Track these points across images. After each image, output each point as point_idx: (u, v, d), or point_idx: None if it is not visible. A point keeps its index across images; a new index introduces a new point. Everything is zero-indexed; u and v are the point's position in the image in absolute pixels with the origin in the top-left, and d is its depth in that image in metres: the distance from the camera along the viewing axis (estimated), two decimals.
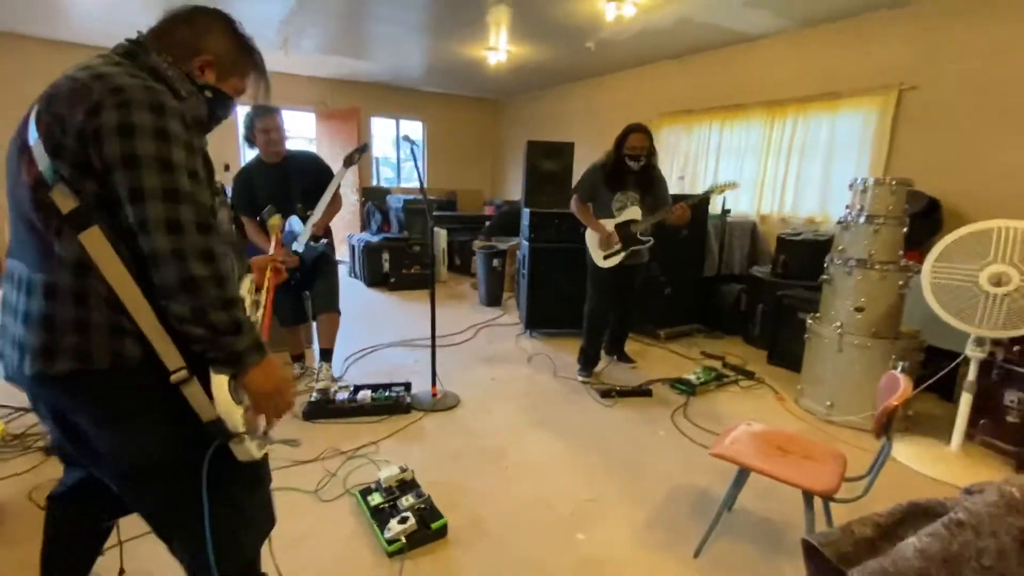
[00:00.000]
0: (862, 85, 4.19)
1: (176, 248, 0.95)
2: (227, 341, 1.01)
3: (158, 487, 1.13)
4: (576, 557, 1.80)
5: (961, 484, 1.45)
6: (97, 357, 0.98)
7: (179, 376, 1.01)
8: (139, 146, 0.94)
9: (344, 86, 7.88)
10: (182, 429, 1.07)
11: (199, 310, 0.97)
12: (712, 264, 4.69)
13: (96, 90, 0.95)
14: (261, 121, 2.75)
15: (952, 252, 2.46)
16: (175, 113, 0.98)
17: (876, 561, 1.34)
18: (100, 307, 0.98)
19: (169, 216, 0.95)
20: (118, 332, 0.99)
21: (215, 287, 0.98)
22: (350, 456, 2.38)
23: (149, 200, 0.94)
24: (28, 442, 2.37)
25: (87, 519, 1.35)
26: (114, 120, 0.93)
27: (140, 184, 0.94)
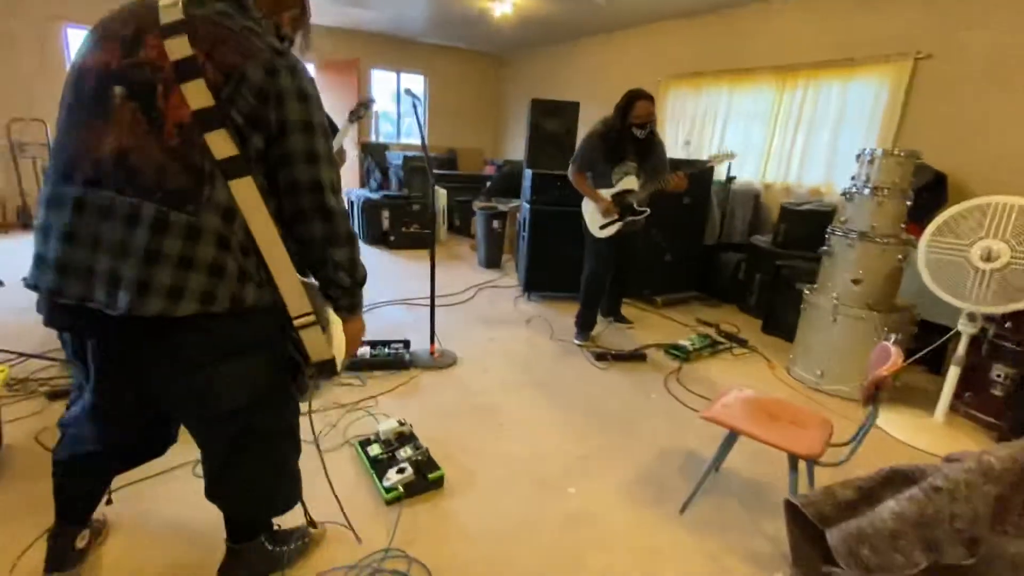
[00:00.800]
0: (877, 52, 4.07)
1: (341, 207, 1.12)
2: (358, 292, 1.20)
3: (240, 425, 1.19)
4: (566, 509, 1.87)
5: (943, 454, 1.50)
6: (220, 299, 1.01)
7: (305, 320, 1.11)
8: (314, 113, 1.05)
9: (344, 36, 7.62)
10: (275, 371, 1.20)
11: (353, 261, 1.16)
12: (713, 232, 4.68)
13: (260, 48, 1.01)
14: None
15: (948, 227, 2.47)
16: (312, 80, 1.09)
17: (854, 521, 1.40)
18: (236, 252, 1.02)
19: (332, 178, 1.10)
20: (243, 277, 1.04)
21: (354, 243, 1.16)
22: (350, 409, 2.43)
23: (319, 161, 1.07)
24: (32, 387, 2.41)
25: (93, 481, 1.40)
26: (292, 86, 1.02)
27: (315, 147, 1.05)
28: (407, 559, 1.59)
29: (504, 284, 4.80)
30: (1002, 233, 2.32)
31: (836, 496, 1.50)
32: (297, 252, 1.12)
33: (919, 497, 1.31)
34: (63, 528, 1.39)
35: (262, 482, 1.32)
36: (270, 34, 1.09)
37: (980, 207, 2.38)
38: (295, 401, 1.30)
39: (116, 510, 1.66)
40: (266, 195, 1.04)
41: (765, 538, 1.79)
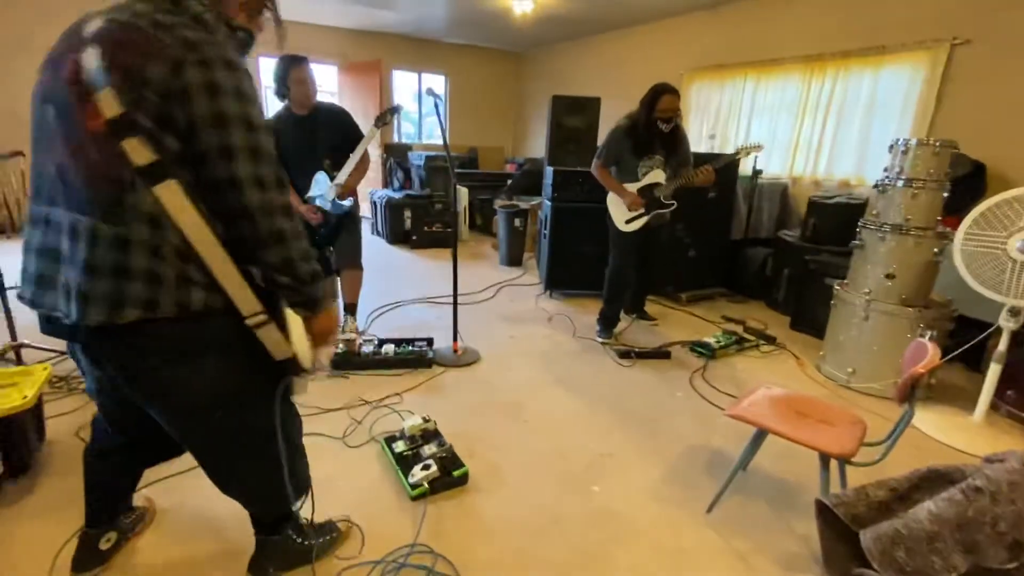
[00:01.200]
0: (910, 39, 3.94)
1: (265, 203, 1.02)
2: (308, 289, 1.12)
3: (212, 426, 1.21)
4: (590, 507, 1.86)
5: (982, 454, 1.45)
6: (164, 306, 1.01)
7: (257, 319, 1.09)
8: (226, 105, 0.97)
9: (366, 37, 7.72)
10: (243, 371, 1.17)
11: (287, 261, 1.07)
12: (739, 227, 4.59)
13: (168, 43, 0.94)
14: (296, 71, 2.68)
15: (985, 219, 2.37)
16: (243, 70, 1.01)
17: (888, 523, 1.36)
18: (172, 259, 1.01)
19: (256, 173, 1.01)
20: (184, 282, 1.03)
21: (296, 240, 1.08)
22: (375, 406, 2.46)
23: (239, 158, 0.99)
24: (73, 384, 2.51)
25: (123, 468, 1.46)
26: (199, 79, 0.95)
27: (230, 142, 0.98)
28: (432, 554, 1.60)
29: (526, 282, 4.80)
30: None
31: (869, 496, 1.46)
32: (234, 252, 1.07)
33: (958, 498, 1.26)
34: (88, 530, 1.46)
35: (252, 480, 1.33)
36: (216, 26, 1.04)
37: (1019, 197, 2.28)
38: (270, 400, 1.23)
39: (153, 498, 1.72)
40: (194, 196, 0.99)
41: (795, 538, 1.75)
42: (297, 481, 1.40)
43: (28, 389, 1.87)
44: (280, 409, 1.24)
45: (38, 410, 2.02)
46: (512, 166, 8.36)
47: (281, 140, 2.83)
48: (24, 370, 2.03)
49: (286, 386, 1.22)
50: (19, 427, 1.82)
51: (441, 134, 2.85)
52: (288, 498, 1.37)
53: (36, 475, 1.87)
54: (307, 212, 2.88)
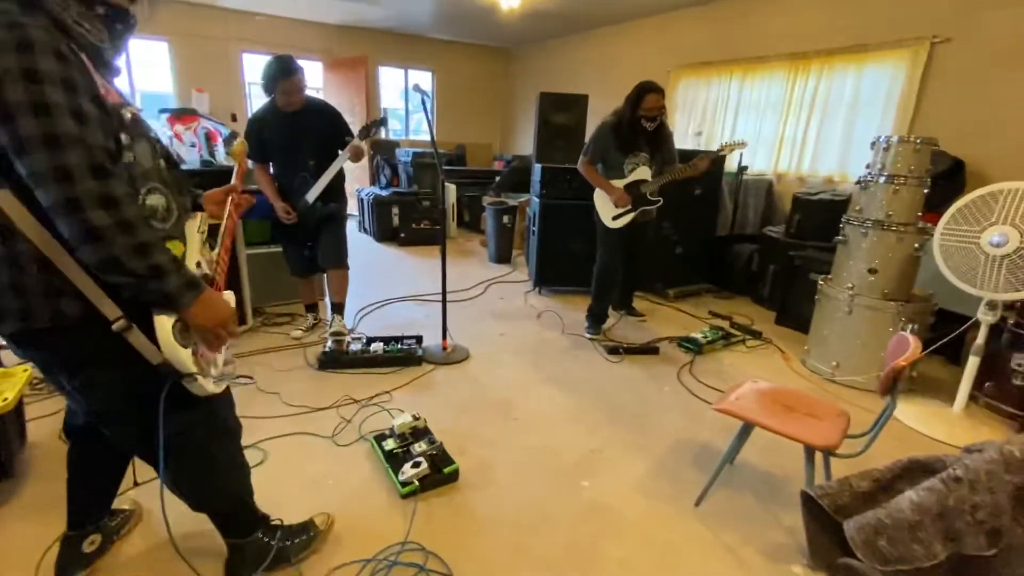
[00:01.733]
0: (892, 37, 4.00)
1: (69, 198, 0.89)
2: (153, 285, 0.99)
3: (127, 428, 1.20)
4: (580, 502, 1.88)
5: (962, 444, 1.48)
6: (38, 316, 1.00)
7: (119, 325, 1.03)
8: (9, 93, 0.85)
9: (351, 33, 7.65)
10: (135, 375, 1.09)
11: (110, 259, 0.94)
12: (725, 223, 4.64)
13: None
14: (284, 83, 2.68)
15: (961, 215, 2.44)
16: (46, 48, 0.88)
17: (871, 513, 1.39)
18: (31, 269, 0.98)
19: (55, 164, 0.88)
20: (53, 292, 1.00)
21: (121, 234, 0.94)
22: (364, 404, 2.45)
23: (32, 150, 0.87)
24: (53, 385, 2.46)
25: (102, 449, 1.43)
26: None
27: (18, 134, 0.87)
28: (424, 552, 1.60)
29: (514, 279, 4.80)
30: (1012, 219, 2.29)
31: (853, 487, 1.49)
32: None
33: (939, 488, 1.29)
34: (71, 533, 1.44)
35: (184, 480, 1.30)
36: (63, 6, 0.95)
37: (993, 193, 2.35)
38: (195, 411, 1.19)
39: (140, 501, 1.70)
40: (28, 200, 0.93)
41: (782, 530, 1.78)
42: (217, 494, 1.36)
43: (8, 391, 1.84)
44: (185, 418, 1.17)
45: (19, 413, 1.98)
46: (500, 163, 8.35)
47: (264, 135, 2.82)
48: (4, 372, 1.99)
49: (179, 391, 1.13)
50: (0, 430, 1.79)
51: (429, 131, 2.84)
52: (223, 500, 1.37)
53: (18, 478, 1.84)
54: (281, 211, 2.86)
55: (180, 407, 1.14)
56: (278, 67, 2.66)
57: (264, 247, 3.58)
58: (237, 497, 1.42)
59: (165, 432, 1.12)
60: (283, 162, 2.89)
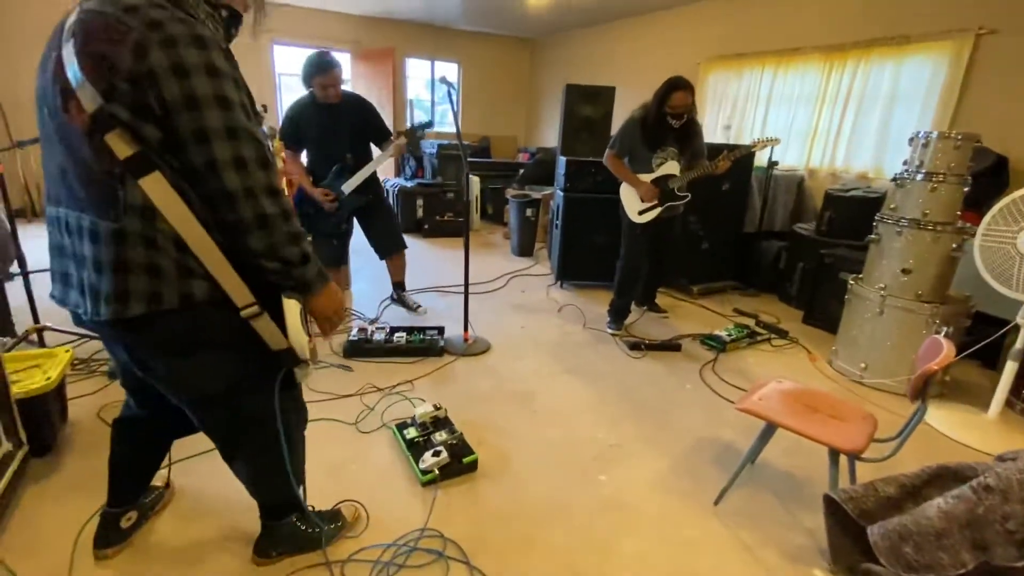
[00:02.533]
0: (935, 28, 3.84)
1: (246, 186, 0.98)
2: (299, 272, 1.09)
3: (223, 414, 1.25)
4: (598, 497, 1.88)
5: (996, 452, 1.44)
6: (168, 298, 1.02)
7: (250, 311, 1.08)
8: (196, 85, 0.92)
9: (378, 24, 7.69)
10: (245, 361, 1.16)
11: (273, 245, 1.03)
12: (753, 219, 4.54)
13: (133, 26, 0.90)
14: (321, 78, 2.80)
15: (1003, 215, 2.35)
16: (216, 46, 0.96)
17: (897, 519, 1.36)
18: (169, 250, 1.01)
19: (235, 154, 0.96)
20: (186, 273, 1.03)
21: (284, 222, 1.03)
22: (387, 393, 2.50)
23: (215, 139, 0.94)
24: (93, 366, 2.57)
25: (147, 442, 1.50)
26: (165, 60, 0.90)
27: (203, 124, 0.93)
28: (442, 539, 1.63)
29: (537, 272, 4.80)
30: None
31: (878, 492, 1.46)
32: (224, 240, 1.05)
33: (969, 496, 1.26)
34: (110, 508, 1.51)
35: (254, 466, 1.36)
36: (185, 5, 0.99)
37: None
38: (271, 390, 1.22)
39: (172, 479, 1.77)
40: (180, 184, 0.98)
41: (802, 532, 1.76)
42: (291, 476, 1.38)
43: (51, 371, 1.93)
44: (280, 400, 1.23)
45: (61, 391, 2.08)
46: (525, 155, 8.32)
47: (302, 124, 2.92)
48: (47, 352, 2.09)
49: (284, 376, 1.20)
50: (42, 408, 1.88)
51: (454, 122, 2.85)
52: (287, 487, 1.39)
53: (59, 455, 1.93)
54: (320, 196, 2.94)
55: (280, 394, 1.22)
56: (317, 61, 2.78)
57: None
58: (300, 481, 1.47)
59: (264, 415, 1.21)
60: (318, 152, 2.99)
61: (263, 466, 1.35)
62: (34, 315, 2.70)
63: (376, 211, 3.16)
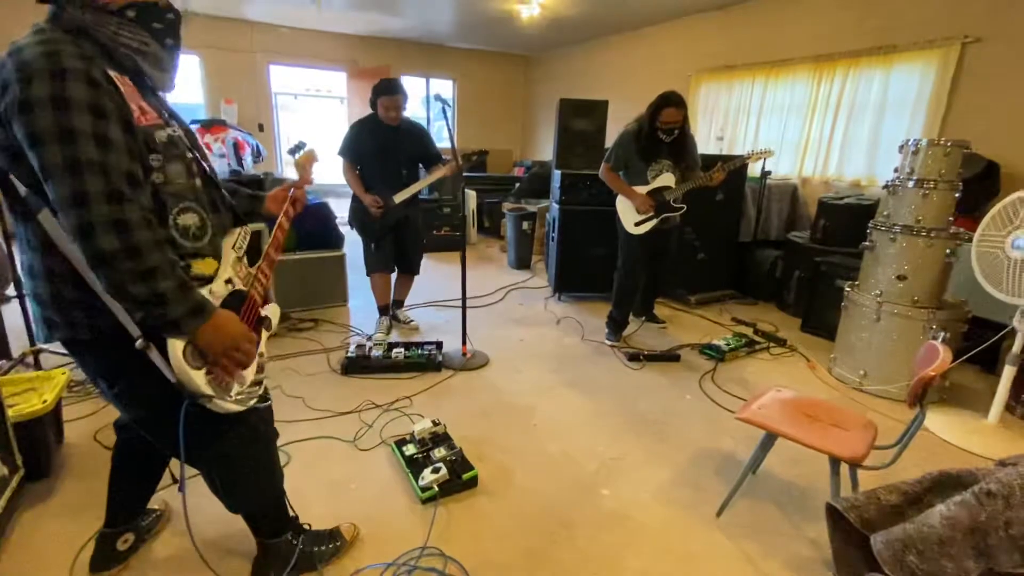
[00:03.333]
0: (921, 38, 3.90)
1: (82, 223, 0.91)
2: (156, 312, 0.99)
3: (159, 432, 1.23)
4: (600, 511, 1.87)
5: (996, 457, 1.44)
6: (79, 328, 1.07)
7: (139, 344, 1.06)
8: (38, 121, 0.88)
9: (374, 43, 7.78)
10: (166, 386, 1.11)
11: (115, 284, 0.95)
12: (748, 229, 4.57)
13: (8, 68, 0.91)
14: (385, 99, 3.10)
15: (994, 220, 2.40)
16: (78, 75, 0.91)
17: (900, 527, 1.35)
18: (67, 284, 1.04)
19: (74, 190, 0.90)
20: (90, 307, 1.05)
21: (127, 260, 0.94)
22: (385, 409, 2.49)
23: (54, 176, 0.90)
24: (90, 388, 2.55)
25: (145, 450, 1.47)
26: (14, 97, 0.89)
27: (44, 161, 0.90)
28: (443, 557, 1.61)
29: (534, 285, 4.80)
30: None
31: (881, 500, 1.45)
32: None
33: (971, 502, 1.25)
34: (107, 530, 1.50)
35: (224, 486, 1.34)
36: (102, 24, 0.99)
37: (1021, 198, 2.31)
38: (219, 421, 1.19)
39: (169, 501, 1.75)
40: None
41: (806, 542, 1.75)
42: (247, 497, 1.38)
43: (47, 393, 1.91)
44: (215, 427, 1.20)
45: (57, 414, 2.06)
46: (520, 169, 8.38)
47: (363, 139, 3.22)
48: (43, 375, 2.08)
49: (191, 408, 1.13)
50: (39, 431, 1.86)
51: (449, 139, 2.88)
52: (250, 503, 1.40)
53: (55, 477, 1.91)
54: (371, 202, 3.18)
55: (211, 419, 1.17)
56: (385, 85, 3.11)
57: (289, 254, 3.67)
58: (267, 500, 1.45)
59: (200, 441, 1.19)
60: (373, 167, 3.24)
61: (222, 485, 1.34)
62: (30, 337, 2.69)
63: (411, 228, 3.39)
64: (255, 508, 1.42)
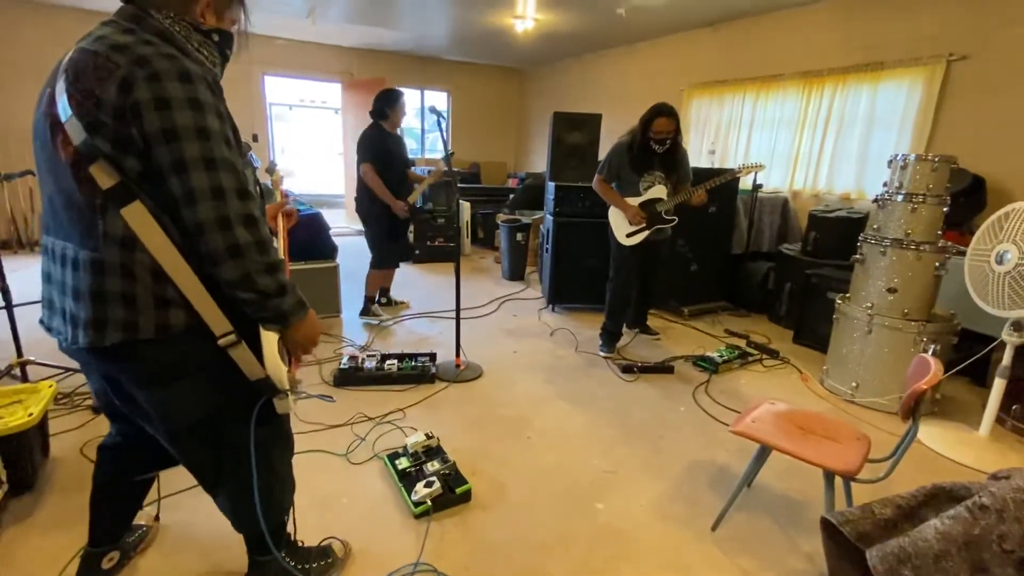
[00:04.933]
0: (907, 55, 3.98)
1: (221, 215, 0.98)
2: (275, 303, 1.07)
3: (203, 444, 1.22)
4: (594, 525, 1.85)
5: (988, 470, 1.44)
6: (144, 327, 1.03)
7: (227, 340, 1.07)
8: (177, 118, 0.95)
9: (369, 56, 7.83)
10: (224, 391, 1.14)
11: (246, 276, 1.02)
12: (740, 241, 4.61)
13: (121, 64, 0.94)
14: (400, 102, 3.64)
15: (984, 234, 2.45)
16: (201, 79, 0.99)
17: (895, 541, 1.35)
18: (145, 280, 1.02)
19: (212, 184, 0.97)
20: (163, 303, 1.04)
21: (259, 253, 1.02)
22: (378, 422, 2.46)
23: (192, 170, 0.96)
24: (77, 401, 2.51)
25: (131, 469, 1.45)
26: (148, 94, 0.94)
27: (182, 155, 0.96)
28: (436, 573, 1.59)
29: (528, 296, 4.81)
30: (1014, 236, 2.30)
31: (875, 514, 1.45)
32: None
33: (964, 516, 1.25)
34: (91, 549, 1.46)
35: (234, 499, 1.31)
36: (187, 36, 1.05)
37: (1007, 213, 2.36)
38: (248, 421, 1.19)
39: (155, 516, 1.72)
40: (160, 215, 1.00)
41: (801, 556, 1.74)
42: (271, 507, 1.34)
43: (34, 407, 1.88)
44: (259, 432, 1.19)
45: (43, 427, 2.02)
46: (514, 181, 8.41)
47: (389, 149, 3.60)
48: (30, 387, 2.04)
49: (262, 407, 1.18)
50: (24, 444, 1.83)
51: (444, 150, 2.89)
52: (270, 519, 1.33)
53: (40, 492, 1.87)
54: (399, 208, 3.59)
55: (258, 423, 1.18)
56: (397, 94, 3.63)
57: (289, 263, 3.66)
58: (283, 513, 1.42)
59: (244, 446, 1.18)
60: (389, 172, 3.58)
61: (244, 497, 1.29)
62: (17, 348, 2.65)
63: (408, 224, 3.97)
64: (270, 520, 1.34)
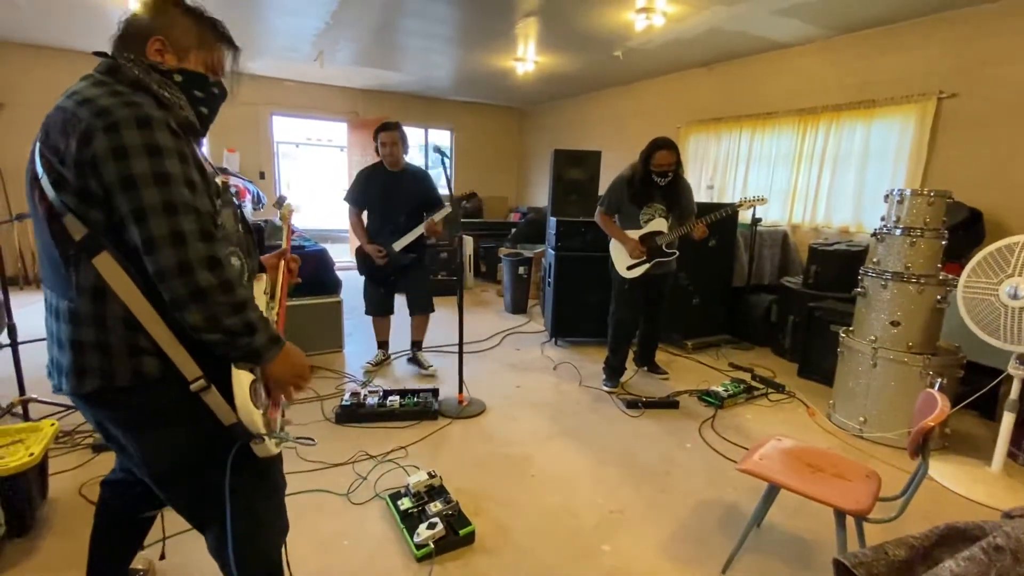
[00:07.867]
0: (899, 93, 4.09)
1: (181, 261, 0.97)
2: (244, 342, 1.06)
3: (184, 489, 1.20)
4: (601, 568, 1.81)
5: (1002, 507, 1.42)
6: (120, 375, 1.04)
7: (197, 385, 1.06)
8: (135, 165, 0.95)
9: (375, 96, 8.06)
10: (203, 436, 1.12)
11: (211, 318, 1.01)
12: (741, 274, 4.63)
13: (83, 117, 0.96)
14: (383, 135, 3.26)
15: (981, 267, 2.44)
16: (161, 124, 0.99)
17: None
18: (118, 330, 1.04)
19: (172, 230, 0.97)
20: (136, 351, 1.05)
21: (222, 294, 1.01)
22: (380, 460, 2.43)
23: (152, 216, 0.96)
24: (77, 439, 2.49)
25: (134, 504, 1.43)
26: (105, 145, 0.95)
27: (141, 203, 0.96)
28: None
29: (531, 329, 4.80)
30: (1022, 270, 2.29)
31: (889, 555, 1.41)
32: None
33: (980, 558, 1.22)
34: None
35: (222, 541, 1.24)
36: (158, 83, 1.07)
37: (1009, 246, 2.36)
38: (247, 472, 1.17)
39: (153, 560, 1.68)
40: (126, 263, 1.01)
41: None
42: (255, 556, 1.29)
43: (35, 446, 1.87)
44: (238, 478, 1.15)
45: (43, 467, 2.01)
46: (516, 215, 8.52)
47: (369, 185, 3.35)
48: (31, 426, 2.04)
49: (239, 452, 1.13)
50: (23, 486, 1.81)
51: (447, 186, 2.95)
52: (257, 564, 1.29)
53: (38, 535, 1.84)
54: (373, 251, 3.29)
55: (236, 468, 1.14)
56: (382, 124, 3.32)
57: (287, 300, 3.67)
58: (272, 560, 1.37)
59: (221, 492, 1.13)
60: (378, 212, 3.38)
61: (226, 541, 1.25)
62: (20, 386, 2.65)
63: (417, 271, 3.47)
64: (263, 568, 1.31)
